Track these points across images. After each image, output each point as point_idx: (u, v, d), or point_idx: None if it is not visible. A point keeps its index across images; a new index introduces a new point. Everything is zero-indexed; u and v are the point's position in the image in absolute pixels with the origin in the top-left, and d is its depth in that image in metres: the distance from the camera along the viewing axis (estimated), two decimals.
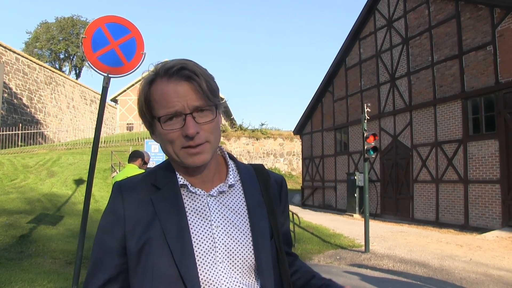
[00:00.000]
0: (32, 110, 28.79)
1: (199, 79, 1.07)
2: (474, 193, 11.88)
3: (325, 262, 8.31)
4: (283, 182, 1.34)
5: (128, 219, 1.11)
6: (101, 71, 4.67)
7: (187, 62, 1.10)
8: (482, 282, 6.53)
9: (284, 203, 1.31)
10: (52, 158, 19.06)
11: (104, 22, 4.71)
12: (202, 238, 1.09)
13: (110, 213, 1.15)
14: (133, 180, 1.20)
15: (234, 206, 1.17)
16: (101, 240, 1.14)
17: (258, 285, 1.13)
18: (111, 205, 1.17)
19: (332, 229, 12.18)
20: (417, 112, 14.21)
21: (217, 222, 1.12)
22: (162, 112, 1.08)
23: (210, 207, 1.14)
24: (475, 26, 11.95)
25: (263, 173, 1.29)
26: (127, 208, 1.12)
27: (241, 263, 1.10)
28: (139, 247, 1.07)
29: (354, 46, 18.27)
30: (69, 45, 47.63)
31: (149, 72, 1.14)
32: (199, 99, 1.07)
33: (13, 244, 7.79)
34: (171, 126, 1.08)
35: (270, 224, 1.19)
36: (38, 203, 11.80)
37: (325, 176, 20.21)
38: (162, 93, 1.08)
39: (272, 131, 32.30)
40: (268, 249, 1.15)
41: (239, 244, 1.12)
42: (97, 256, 1.13)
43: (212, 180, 1.18)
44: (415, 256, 8.54)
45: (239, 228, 1.14)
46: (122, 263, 1.11)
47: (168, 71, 1.08)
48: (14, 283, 5.14)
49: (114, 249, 1.11)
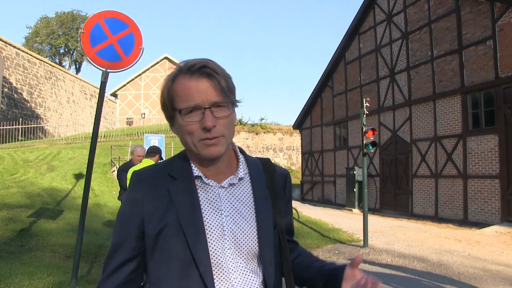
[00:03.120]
0: (32, 105, 28.80)
1: (218, 77, 1.16)
2: (473, 188, 11.89)
3: (323, 256, 8.33)
4: (288, 176, 1.44)
5: (146, 206, 1.21)
6: (100, 66, 4.67)
7: (208, 61, 1.19)
8: (480, 277, 6.55)
9: (288, 196, 1.42)
10: (52, 152, 19.10)
11: (103, 17, 4.72)
12: (213, 226, 1.19)
13: (129, 200, 1.25)
14: (151, 169, 1.29)
15: (242, 197, 1.26)
16: (121, 225, 1.25)
17: (260, 270, 1.24)
18: (130, 192, 1.26)
19: (331, 224, 12.20)
20: (417, 107, 14.20)
21: (227, 212, 1.22)
22: (183, 105, 1.17)
23: (221, 198, 1.23)
24: (475, 21, 11.92)
25: (270, 167, 1.38)
26: (145, 196, 1.22)
27: (246, 250, 1.21)
28: (156, 232, 1.17)
29: (353, 40, 18.22)
30: (69, 39, 47.59)
31: (172, 70, 1.23)
32: (218, 96, 1.16)
33: (13, 238, 7.81)
34: (190, 119, 1.17)
35: (274, 215, 1.29)
36: (38, 197, 11.83)
37: (325, 171, 20.23)
38: (184, 87, 1.17)
39: (272, 125, 32.24)
40: (271, 238, 1.25)
41: (245, 233, 1.22)
42: (117, 239, 1.24)
43: (224, 173, 1.27)
44: (414, 251, 8.56)
45: (245, 218, 1.23)
46: (140, 246, 1.22)
47: (191, 69, 1.17)
48: (14, 276, 5.17)
49: (133, 233, 1.22)
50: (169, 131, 27.39)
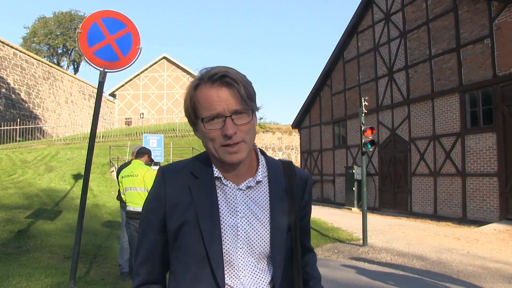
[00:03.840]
0: (30, 105, 28.75)
1: (238, 86, 1.21)
2: (472, 186, 11.90)
3: (323, 255, 8.33)
4: (309, 180, 1.46)
5: (168, 201, 1.29)
6: (97, 66, 4.66)
7: (228, 69, 1.23)
8: (479, 274, 6.56)
9: (307, 200, 1.44)
10: (50, 153, 19.07)
11: (100, 16, 4.70)
12: (228, 225, 1.25)
13: (153, 195, 1.33)
14: (175, 166, 1.36)
15: (258, 200, 1.31)
16: (146, 218, 1.34)
17: (269, 271, 1.29)
18: (155, 188, 1.34)
19: (330, 223, 12.20)
20: (415, 106, 14.21)
21: (242, 213, 1.27)
22: (205, 114, 1.21)
23: (237, 200, 1.29)
24: (472, 20, 11.93)
25: (291, 170, 1.41)
26: (168, 192, 1.29)
27: (258, 250, 1.26)
28: (176, 227, 1.25)
29: (352, 40, 18.23)
30: (67, 40, 47.51)
31: (194, 78, 1.28)
32: (238, 104, 1.20)
33: (11, 239, 7.78)
34: (212, 126, 1.21)
35: (289, 218, 1.33)
36: (36, 198, 11.80)
37: (324, 170, 20.24)
38: (206, 97, 1.21)
39: (271, 125, 32.26)
40: (283, 242, 1.30)
41: (258, 235, 1.27)
42: (143, 230, 1.34)
43: (244, 175, 1.32)
44: (413, 249, 8.57)
45: (260, 220, 1.28)
46: (163, 239, 1.31)
47: (212, 78, 1.21)
48: (11, 278, 5.14)
49: (155, 226, 1.31)
50: (168, 131, 27.44)
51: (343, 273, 6.75)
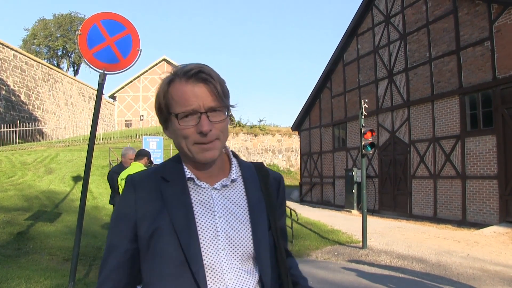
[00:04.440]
0: (30, 107, 28.73)
1: (214, 82, 1.18)
2: (471, 189, 11.90)
3: (323, 258, 8.33)
4: (281, 180, 1.45)
5: (139, 208, 1.22)
6: (97, 68, 4.66)
7: (204, 66, 1.21)
8: (479, 277, 6.55)
9: (281, 199, 1.42)
10: (50, 155, 19.05)
11: (100, 18, 4.71)
12: (206, 227, 1.20)
13: (123, 203, 1.27)
14: (144, 173, 1.30)
15: (235, 199, 1.27)
16: (115, 227, 1.27)
17: (257, 271, 1.24)
18: (124, 196, 1.28)
19: (330, 225, 12.19)
20: (415, 108, 14.21)
21: (220, 213, 1.22)
22: (180, 110, 1.18)
23: (214, 200, 1.24)
24: (472, 22, 11.94)
25: (263, 170, 1.39)
26: (138, 198, 1.23)
27: (241, 251, 1.21)
28: (149, 234, 1.19)
29: (352, 42, 18.24)
30: (67, 42, 47.48)
31: (168, 74, 1.26)
32: (214, 100, 1.18)
33: (10, 241, 7.77)
34: (186, 123, 1.18)
35: (268, 216, 1.29)
36: (36, 200, 11.79)
37: (323, 172, 20.22)
38: (181, 92, 1.18)
39: (271, 127, 32.28)
40: (266, 239, 1.26)
41: (240, 234, 1.22)
42: (111, 242, 1.26)
43: (217, 175, 1.28)
44: (413, 252, 8.56)
45: (240, 219, 1.24)
46: (134, 248, 1.23)
47: (187, 73, 1.19)
48: (11, 280, 5.14)
49: (126, 235, 1.23)
50: None
51: (343, 276, 6.74)
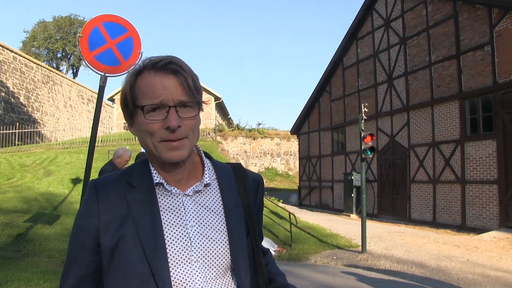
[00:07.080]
0: (29, 109, 28.70)
1: (186, 75, 1.09)
2: (471, 194, 11.89)
3: (322, 262, 8.31)
4: (260, 181, 1.35)
5: (102, 217, 1.11)
6: (98, 70, 4.64)
7: (174, 58, 1.12)
8: (479, 282, 6.53)
9: (260, 202, 1.33)
10: (49, 157, 19.00)
11: (101, 21, 4.69)
12: (175, 237, 1.10)
13: (84, 211, 1.16)
14: (108, 178, 1.20)
15: (210, 205, 1.17)
16: (75, 238, 1.15)
17: (234, 284, 1.14)
18: (85, 203, 1.17)
19: (329, 229, 12.17)
20: (415, 112, 14.22)
21: (192, 222, 1.12)
22: (146, 102, 1.08)
23: (185, 207, 1.14)
24: (473, 26, 11.97)
25: (241, 172, 1.29)
26: (101, 206, 1.13)
27: (217, 262, 1.11)
28: (112, 244, 1.08)
29: (351, 46, 18.27)
30: (66, 44, 47.47)
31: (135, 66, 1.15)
32: (184, 95, 1.09)
33: (9, 243, 7.75)
34: (153, 117, 1.08)
35: (247, 222, 1.20)
36: (35, 202, 11.75)
37: (322, 176, 20.20)
38: (148, 84, 1.08)
39: (269, 130, 32.32)
40: (244, 248, 1.16)
41: (215, 243, 1.12)
42: (72, 253, 1.15)
43: (188, 179, 1.18)
44: (412, 256, 8.54)
45: (215, 227, 1.14)
46: (97, 260, 1.12)
47: (156, 65, 1.09)
48: (10, 282, 5.12)
49: (88, 246, 1.12)
50: None
51: (342, 280, 6.72)
